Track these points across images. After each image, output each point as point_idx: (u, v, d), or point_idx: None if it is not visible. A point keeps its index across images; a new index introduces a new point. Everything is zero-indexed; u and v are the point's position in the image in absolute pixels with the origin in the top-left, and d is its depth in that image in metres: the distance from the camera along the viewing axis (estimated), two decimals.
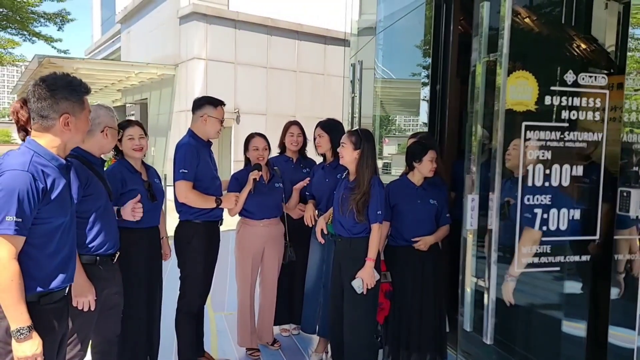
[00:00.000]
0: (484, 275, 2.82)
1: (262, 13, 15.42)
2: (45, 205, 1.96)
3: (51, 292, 2.04)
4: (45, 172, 1.97)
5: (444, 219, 3.49)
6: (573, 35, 3.12)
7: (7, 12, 18.03)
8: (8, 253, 1.87)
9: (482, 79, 2.85)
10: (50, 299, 2.04)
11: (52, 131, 2.03)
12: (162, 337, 3.51)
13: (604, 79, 2.85)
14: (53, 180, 1.99)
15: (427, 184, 3.45)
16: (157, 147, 17.15)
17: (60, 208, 2.03)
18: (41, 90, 2.00)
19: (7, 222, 1.85)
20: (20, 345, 1.89)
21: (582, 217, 2.90)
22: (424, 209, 3.42)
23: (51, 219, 2.00)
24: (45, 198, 1.95)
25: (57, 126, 2.02)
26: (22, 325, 1.89)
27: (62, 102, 2.02)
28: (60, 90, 2.03)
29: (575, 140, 2.83)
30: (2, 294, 1.87)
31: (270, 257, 3.99)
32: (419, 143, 3.50)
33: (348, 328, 3.30)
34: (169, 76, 15.77)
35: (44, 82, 2.02)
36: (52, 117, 2.01)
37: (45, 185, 1.95)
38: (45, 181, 1.95)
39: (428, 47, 4.29)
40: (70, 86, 2.06)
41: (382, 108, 5.79)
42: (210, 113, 3.51)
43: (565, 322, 3.14)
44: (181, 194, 3.41)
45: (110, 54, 25.03)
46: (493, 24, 2.77)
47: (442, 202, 3.47)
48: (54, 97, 2.01)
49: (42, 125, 2.02)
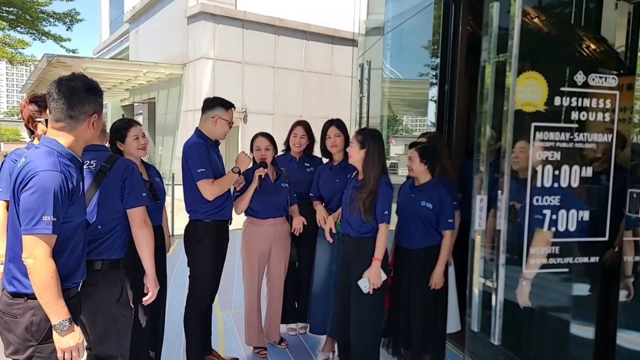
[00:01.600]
0: (492, 276, 2.81)
1: (269, 13, 15.45)
2: (71, 204, 2.01)
3: (68, 288, 2.08)
4: (71, 173, 2.00)
5: (444, 224, 3.37)
6: (583, 36, 3.11)
7: (17, 11, 18.17)
8: (46, 252, 1.92)
9: (492, 80, 2.84)
10: (67, 295, 2.05)
11: (76, 131, 2.04)
12: (170, 335, 3.52)
13: (614, 79, 2.83)
14: (76, 180, 2.03)
15: (428, 185, 3.42)
16: (165, 146, 17.23)
17: (81, 206, 2.10)
18: (72, 89, 2.02)
19: (45, 221, 1.90)
20: (63, 338, 1.97)
21: (591, 218, 2.88)
22: (413, 211, 3.41)
23: (74, 218, 2.05)
24: (72, 198, 2.00)
25: (84, 126, 2.05)
26: (65, 318, 1.96)
27: (92, 102, 2.05)
28: (91, 90, 2.06)
29: (585, 142, 2.82)
30: (43, 291, 1.93)
31: (277, 257, 4.00)
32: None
33: (354, 327, 3.31)
34: (177, 75, 15.84)
35: (71, 81, 2.03)
36: (82, 118, 2.03)
37: (74, 185, 2.00)
38: (73, 181, 2.00)
39: (436, 47, 4.29)
40: (97, 86, 2.10)
41: (390, 108, 5.78)
42: (221, 115, 3.52)
43: (573, 324, 3.12)
44: (207, 193, 3.42)
45: (119, 54, 25.16)
46: (503, 24, 2.77)
47: (443, 205, 3.36)
48: (87, 98, 2.03)
49: (69, 125, 2.02)
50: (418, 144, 3.48)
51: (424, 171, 3.41)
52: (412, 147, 3.46)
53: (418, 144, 3.48)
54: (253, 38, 15.33)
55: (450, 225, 3.36)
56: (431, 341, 3.43)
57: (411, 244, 3.44)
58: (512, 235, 2.81)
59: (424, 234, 3.39)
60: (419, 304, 3.40)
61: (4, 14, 18.26)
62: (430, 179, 3.43)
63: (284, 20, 15.72)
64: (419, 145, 3.45)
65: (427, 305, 3.41)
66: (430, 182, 3.42)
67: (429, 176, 3.43)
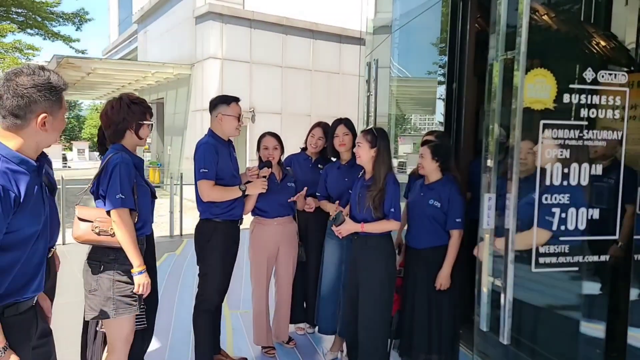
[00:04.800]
0: (501, 274, 2.79)
1: (277, 12, 15.45)
2: (18, 213, 1.75)
3: (17, 302, 1.83)
4: (16, 180, 1.75)
5: (451, 223, 3.35)
6: (592, 32, 3.08)
7: (26, 12, 18.29)
8: None
9: (500, 77, 2.82)
10: (16, 309, 1.83)
11: (24, 132, 1.80)
12: (178, 334, 3.53)
13: (624, 76, 2.81)
14: (27, 186, 1.78)
15: (437, 183, 3.40)
16: (173, 146, 17.28)
17: (32, 216, 1.82)
18: (17, 86, 1.76)
19: None
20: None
21: (602, 216, 2.86)
22: (421, 209, 3.39)
23: (22, 228, 1.79)
24: (19, 206, 1.75)
25: (32, 126, 1.80)
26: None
27: (41, 100, 1.79)
28: (40, 87, 1.79)
29: (595, 139, 2.80)
30: None
31: (285, 256, 4.00)
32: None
33: (362, 326, 3.31)
34: (185, 76, 15.88)
35: (18, 77, 1.77)
36: (28, 117, 1.78)
37: (17, 193, 1.74)
38: (17, 189, 1.74)
39: (444, 45, 4.26)
40: (50, 82, 1.82)
41: (398, 107, 5.76)
42: (224, 112, 3.52)
43: (583, 323, 3.10)
44: (204, 193, 3.44)
45: (127, 54, 25.29)
46: (511, 21, 2.75)
47: (452, 204, 3.34)
48: (33, 95, 1.77)
49: (16, 125, 1.78)
50: (430, 142, 3.46)
51: (435, 169, 3.40)
52: (424, 145, 3.45)
53: (430, 142, 3.46)
54: (261, 37, 15.34)
55: (459, 225, 3.33)
56: (437, 343, 3.38)
57: (419, 243, 3.43)
58: None
59: (431, 233, 3.37)
60: (424, 304, 3.38)
61: (14, 16, 18.39)
62: (441, 177, 3.41)
63: (292, 19, 15.72)
64: (431, 143, 3.43)
65: (432, 306, 3.37)
66: (441, 180, 3.40)
67: (440, 174, 3.41)
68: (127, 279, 2.71)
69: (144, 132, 2.93)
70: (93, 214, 2.75)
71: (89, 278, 2.72)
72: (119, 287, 2.70)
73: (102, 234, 2.70)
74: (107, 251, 2.71)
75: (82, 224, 2.73)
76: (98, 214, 2.73)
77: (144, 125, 2.91)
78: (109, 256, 2.70)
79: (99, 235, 2.70)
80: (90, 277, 2.72)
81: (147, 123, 2.93)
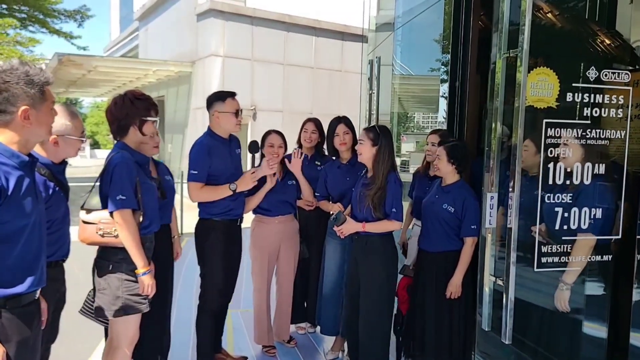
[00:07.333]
0: (503, 274, 2.78)
1: (279, 9, 15.41)
2: (2, 206, 1.79)
3: (19, 295, 1.89)
4: (6, 171, 1.80)
5: (466, 230, 3.20)
6: (596, 31, 3.06)
7: (28, 10, 18.30)
8: None
9: (502, 76, 2.80)
10: (18, 302, 1.88)
11: (10, 126, 1.86)
12: (179, 333, 3.51)
13: (627, 75, 2.79)
14: (15, 179, 1.82)
15: (454, 187, 3.27)
16: (174, 144, 17.27)
17: (20, 209, 1.85)
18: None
19: None
20: None
21: (604, 216, 2.84)
22: (434, 212, 3.30)
23: (10, 222, 1.83)
24: (4, 199, 1.79)
25: (17, 120, 1.85)
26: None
27: (20, 93, 1.84)
28: (17, 81, 1.83)
29: (598, 138, 2.78)
30: None
31: (286, 255, 3.99)
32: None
33: (363, 325, 3.29)
34: (186, 73, 15.85)
35: (3, 73, 1.83)
36: (11, 111, 1.84)
37: (5, 186, 1.79)
38: (7, 181, 1.79)
39: (447, 43, 4.24)
40: (28, 76, 1.86)
41: (400, 105, 5.74)
42: (219, 108, 3.44)
43: (585, 324, 3.08)
44: (192, 195, 3.44)
45: (129, 52, 25.27)
46: (514, 20, 2.73)
47: (467, 209, 3.20)
48: (11, 89, 1.82)
49: (3, 119, 1.84)
50: (447, 142, 3.33)
51: (451, 171, 3.26)
52: (440, 145, 3.33)
53: (447, 142, 3.33)
54: (262, 35, 15.31)
55: (473, 232, 3.15)
56: (447, 349, 3.25)
57: (430, 246, 3.33)
58: (523, 234, 2.78)
59: (443, 237, 3.25)
60: (432, 310, 3.27)
61: (16, 12, 18.40)
62: (457, 180, 3.29)
63: (294, 16, 15.67)
64: (448, 144, 3.30)
65: (441, 311, 3.25)
66: (457, 183, 3.28)
67: (457, 177, 3.28)
68: (136, 279, 2.73)
69: (147, 129, 2.88)
70: (97, 217, 2.75)
71: (99, 277, 2.74)
72: (127, 287, 2.71)
73: (106, 236, 2.71)
74: (116, 251, 2.71)
75: (87, 227, 2.74)
76: (102, 216, 2.73)
77: (147, 121, 2.86)
78: (118, 256, 2.71)
79: (103, 237, 2.71)
80: (99, 276, 2.74)
81: (151, 119, 2.88)
